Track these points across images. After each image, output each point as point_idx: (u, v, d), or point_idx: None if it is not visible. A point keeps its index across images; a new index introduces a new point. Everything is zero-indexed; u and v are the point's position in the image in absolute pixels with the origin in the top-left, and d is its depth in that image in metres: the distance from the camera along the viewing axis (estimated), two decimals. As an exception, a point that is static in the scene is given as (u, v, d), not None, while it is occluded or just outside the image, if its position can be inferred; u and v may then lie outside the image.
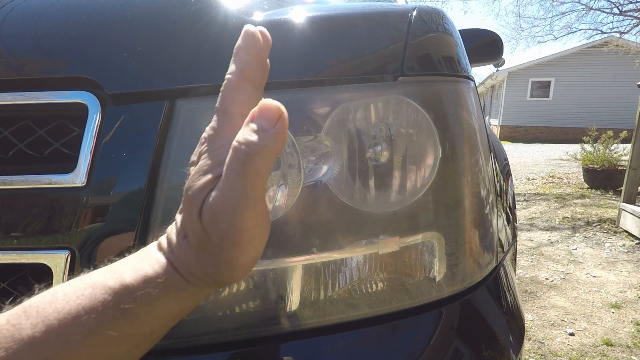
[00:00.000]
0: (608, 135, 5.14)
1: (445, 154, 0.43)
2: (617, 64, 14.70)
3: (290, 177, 0.38)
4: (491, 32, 1.53)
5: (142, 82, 0.39)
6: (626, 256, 2.98)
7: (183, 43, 0.41)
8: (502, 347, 0.48)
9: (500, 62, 2.09)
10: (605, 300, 2.30)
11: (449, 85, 0.45)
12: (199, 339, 0.39)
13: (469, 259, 0.46)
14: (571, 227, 3.75)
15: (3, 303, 0.40)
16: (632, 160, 3.54)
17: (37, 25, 0.42)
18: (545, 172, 7.08)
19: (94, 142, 0.38)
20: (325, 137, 0.40)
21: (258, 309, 0.40)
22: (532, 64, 16.67)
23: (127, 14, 0.42)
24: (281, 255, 0.39)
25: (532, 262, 2.91)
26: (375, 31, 0.43)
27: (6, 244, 0.38)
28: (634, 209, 3.34)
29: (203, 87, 0.40)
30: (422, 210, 0.43)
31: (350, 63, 0.41)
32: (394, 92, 0.42)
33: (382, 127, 0.42)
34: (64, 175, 0.37)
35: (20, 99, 0.39)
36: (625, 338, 1.91)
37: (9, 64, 0.40)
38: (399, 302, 0.43)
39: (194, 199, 0.25)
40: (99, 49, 0.40)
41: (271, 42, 0.29)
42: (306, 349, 0.40)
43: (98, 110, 0.38)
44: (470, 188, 0.46)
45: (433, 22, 0.46)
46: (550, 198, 4.99)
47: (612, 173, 5.15)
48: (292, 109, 0.40)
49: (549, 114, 16.36)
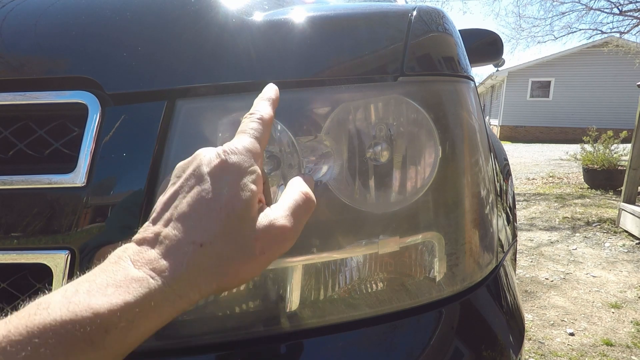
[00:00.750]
0: (608, 135, 5.14)
1: (445, 154, 0.43)
2: (617, 64, 14.69)
3: (290, 177, 0.38)
4: (491, 32, 1.53)
5: (142, 82, 0.39)
6: (626, 256, 2.98)
7: (183, 43, 0.41)
8: (502, 347, 0.48)
9: (500, 62, 2.09)
10: (605, 300, 2.30)
11: (449, 85, 0.45)
12: (199, 339, 0.39)
13: (469, 259, 0.46)
14: (571, 227, 3.75)
15: (3, 303, 0.40)
16: (632, 160, 3.54)
17: (37, 25, 0.42)
18: (545, 172, 7.08)
19: (94, 142, 0.38)
20: (325, 137, 0.40)
21: (258, 309, 0.40)
22: (532, 64, 16.67)
23: (127, 14, 0.42)
24: (281, 255, 0.39)
25: (532, 262, 2.91)
26: (375, 31, 0.43)
27: (6, 244, 0.38)
28: (634, 209, 3.34)
29: (203, 87, 0.40)
30: (422, 210, 0.43)
31: (350, 63, 0.41)
32: (394, 92, 0.42)
33: (382, 127, 0.42)
34: (64, 175, 0.37)
35: (20, 99, 0.39)
36: (625, 338, 1.91)
37: (9, 64, 0.40)
38: (399, 302, 0.43)
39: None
40: (99, 49, 0.40)
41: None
42: (306, 349, 0.40)
43: (98, 110, 0.38)
44: (470, 188, 0.46)
45: (433, 22, 0.45)
46: (550, 198, 4.99)
47: (612, 173, 5.15)
48: (292, 109, 0.40)
49: (549, 114, 16.36)
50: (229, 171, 0.28)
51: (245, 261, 0.27)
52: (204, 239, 0.26)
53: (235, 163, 0.28)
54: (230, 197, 0.27)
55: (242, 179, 0.28)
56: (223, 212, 0.27)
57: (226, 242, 0.26)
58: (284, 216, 0.29)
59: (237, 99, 0.40)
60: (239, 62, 0.40)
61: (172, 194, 0.28)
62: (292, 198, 0.31)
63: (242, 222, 0.27)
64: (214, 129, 0.39)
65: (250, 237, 0.27)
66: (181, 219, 0.26)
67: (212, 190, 0.27)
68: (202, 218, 0.26)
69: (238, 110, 0.39)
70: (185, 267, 0.25)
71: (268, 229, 0.28)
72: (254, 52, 0.40)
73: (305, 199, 0.32)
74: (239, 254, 0.27)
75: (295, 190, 0.32)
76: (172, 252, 0.25)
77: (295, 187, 0.33)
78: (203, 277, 0.25)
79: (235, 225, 0.27)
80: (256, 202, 0.29)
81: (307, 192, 0.32)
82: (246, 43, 0.40)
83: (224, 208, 0.27)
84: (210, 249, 0.26)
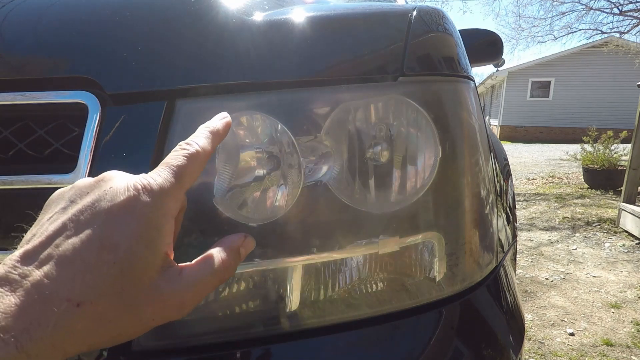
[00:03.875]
0: (608, 135, 5.14)
1: (445, 154, 0.43)
2: (617, 64, 14.70)
3: (290, 177, 0.38)
4: (491, 32, 1.53)
5: (142, 82, 0.39)
6: (626, 256, 2.98)
7: (183, 43, 0.41)
8: (502, 347, 0.48)
9: (500, 62, 2.09)
10: (605, 300, 2.30)
11: (449, 85, 0.45)
12: (199, 339, 0.39)
13: (469, 259, 0.46)
14: (571, 227, 3.75)
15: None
16: (632, 160, 3.54)
17: (37, 25, 0.42)
18: (545, 172, 7.08)
19: (94, 142, 0.38)
20: (325, 137, 0.40)
21: (258, 309, 0.40)
22: (532, 64, 16.67)
23: (127, 14, 0.42)
24: (281, 255, 0.39)
25: (532, 262, 2.91)
26: (375, 31, 0.43)
27: (6, 244, 0.38)
28: (634, 209, 3.34)
29: (203, 87, 0.40)
30: (422, 210, 0.43)
31: (350, 63, 0.41)
32: (394, 92, 0.42)
33: (382, 127, 0.42)
34: (64, 175, 0.37)
35: (20, 99, 0.39)
36: (625, 338, 1.91)
37: (9, 64, 0.40)
38: (399, 302, 0.43)
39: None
40: (99, 49, 0.40)
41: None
42: (306, 349, 0.40)
43: (98, 111, 0.38)
44: (470, 188, 0.46)
45: (433, 22, 0.45)
46: (550, 198, 4.99)
47: (612, 173, 5.15)
48: (292, 109, 0.40)
49: (549, 114, 16.36)
50: (135, 216, 0.23)
51: (129, 325, 0.23)
52: (84, 298, 0.21)
53: (145, 207, 0.23)
54: (128, 252, 0.22)
55: (149, 229, 0.23)
56: (116, 267, 0.22)
57: (111, 303, 0.21)
58: (188, 288, 0.24)
59: (237, 99, 0.40)
60: (239, 62, 0.40)
61: (60, 225, 0.22)
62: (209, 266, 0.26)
63: (138, 283, 0.22)
64: (214, 129, 0.39)
65: (142, 302, 0.23)
66: (61, 263, 0.21)
67: (108, 236, 0.22)
68: (88, 270, 0.21)
69: (238, 110, 0.39)
70: (51, 330, 0.19)
71: (166, 298, 0.24)
72: (254, 52, 0.40)
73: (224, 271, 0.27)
74: (125, 317, 0.22)
75: (218, 257, 0.27)
76: (37, 306, 0.20)
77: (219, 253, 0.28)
78: (71, 340, 0.20)
79: (127, 286, 0.22)
80: (160, 260, 0.24)
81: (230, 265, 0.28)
82: (246, 43, 0.40)
83: (118, 263, 0.22)
84: (90, 309, 0.21)
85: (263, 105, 0.40)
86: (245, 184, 0.37)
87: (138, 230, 0.23)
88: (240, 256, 0.29)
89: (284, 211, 0.38)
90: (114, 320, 0.22)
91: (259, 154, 0.38)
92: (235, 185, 0.37)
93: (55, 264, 0.21)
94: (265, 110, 0.39)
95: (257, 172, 0.38)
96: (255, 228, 0.38)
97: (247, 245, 0.30)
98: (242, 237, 0.30)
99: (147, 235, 0.23)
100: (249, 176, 0.37)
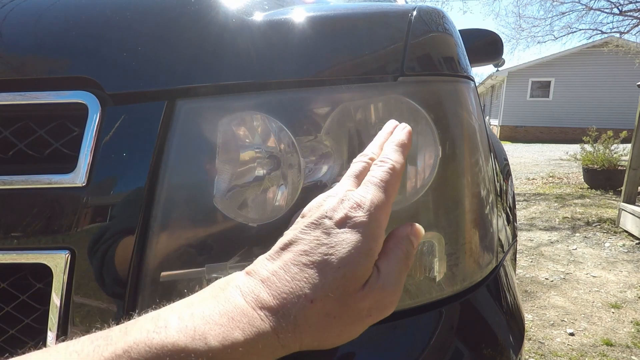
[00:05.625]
0: (608, 135, 5.14)
1: (445, 154, 0.43)
2: (617, 64, 14.70)
3: (290, 177, 0.38)
4: (491, 32, 1.53)
5: (142, 82, 0.39)
6: (626, 256, 2.98)
7: (183, 43, 0.41)
8: (502, 347, 0.48)
9: (500, 62, 2.09)
10: (605, 300, 2.30)
11: (449, 85, 0.45)
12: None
13: (469, 259, 0.46)
14: (571, 227, 3.75)
15: (3, 304, 0.40)
16: (632, 160, 3.54)
17: (37, 25, 0.42)
18: (545, 172, 7.08)
19: (94, 142, 0.38)
20: (325, 137, 0.40)
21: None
22: (532, 64, 16.68)
23: (127, 14, 0.42)
24: None
25: (532, 262, 2.91)
26: (375, 31, 0.43)
27: (6, 244, 0.38)
28: (634, 209, 3.34)
29: (203, 87, 0.40)
30: (422, 210, 0.43)
31: (350, 63, 0.41)
32: (394, 92, 0.42)
33: (382, 127, 0.42)
34: (64, 175, 0.37)
35: (20, 99, 0.39)
36: (625, 338, 1.91)
37: (9, 64, 0.40)
38: (399, 302, 0.43)
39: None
40: (99, 49, 0.40)
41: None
42: (306, 349, 0.40)
43: (98, 110, 0.38)
44: (470, 188, 0.46)
45: (433, 22, 0.45)
46: (550, 198, 4.99)
47: (612, 173, 5.15)
48: (292, 109, 0.40)
49: (549, 114, 16.37)
50: (355, 229, 0.27)
51: (351, 322, 0.27)
52: (316, 296, 0.25)
53: (362, 222, 0.27)
54: (350, 258, 0.26)
55: (366, 241, 0.27)
56: (340, 272, 0.26)
57: (336, 302, 0.26)
58: (393, 283, 0.29)
59: (237, 99, 0.40)
60: (239, 62, 0.40)
61: (294, 237, 0.28)
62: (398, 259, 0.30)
63: (357, 284, 0.27)
64: (214, 129, 0.39)
65: (360, 299, 0.27)
66: (298, 267, 0.26)
67: (334, 246, 0.26)
68: (319, 274, 0.26)
69: (238, 110, 0.39)
70: (293, 320, 0.24)
71: (379, 294, 0.28)
72: (254, 52, 0.40)
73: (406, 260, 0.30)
74: (347, 314, 0.26)
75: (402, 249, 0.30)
76: (282, 300, 0.25)
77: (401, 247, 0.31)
78: (307, 334, 0.25)
79: (349, 287, 0.26)
80: (373, 264, 0.28)
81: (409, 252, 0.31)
82: (246, 43, 0.40)
83: (342, 268, 0.26)
84: (320, 307, 0.25)
85: (263, 105, 0.40)
86: (245, 184, 0.37)
87: (357, 240, 0.27)
88: (412, 244, 0.32)
89: (284, 211, 0.38)
90: (338, 317, 0.26)
91: (259, 154, 0.38)
92: (235, 185, 0.37)
93: (295, 266, 0.26)
94: (265, 110, 0.39)
95: (257, 172, 0.38)
96: (255, 228, 0.38)
97: (416, 233, 0.32)
98: (409, 226, 0.32)
99: (365, 245, 0.27)
100: (249, 176, 0.38)
